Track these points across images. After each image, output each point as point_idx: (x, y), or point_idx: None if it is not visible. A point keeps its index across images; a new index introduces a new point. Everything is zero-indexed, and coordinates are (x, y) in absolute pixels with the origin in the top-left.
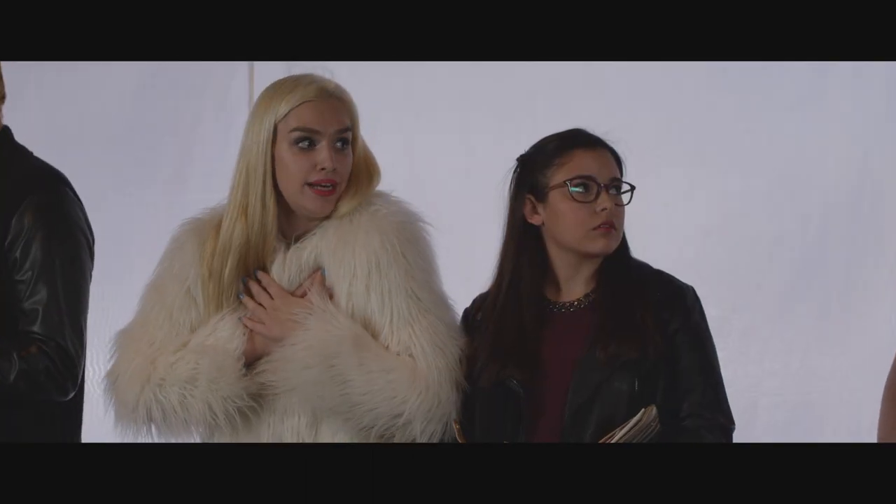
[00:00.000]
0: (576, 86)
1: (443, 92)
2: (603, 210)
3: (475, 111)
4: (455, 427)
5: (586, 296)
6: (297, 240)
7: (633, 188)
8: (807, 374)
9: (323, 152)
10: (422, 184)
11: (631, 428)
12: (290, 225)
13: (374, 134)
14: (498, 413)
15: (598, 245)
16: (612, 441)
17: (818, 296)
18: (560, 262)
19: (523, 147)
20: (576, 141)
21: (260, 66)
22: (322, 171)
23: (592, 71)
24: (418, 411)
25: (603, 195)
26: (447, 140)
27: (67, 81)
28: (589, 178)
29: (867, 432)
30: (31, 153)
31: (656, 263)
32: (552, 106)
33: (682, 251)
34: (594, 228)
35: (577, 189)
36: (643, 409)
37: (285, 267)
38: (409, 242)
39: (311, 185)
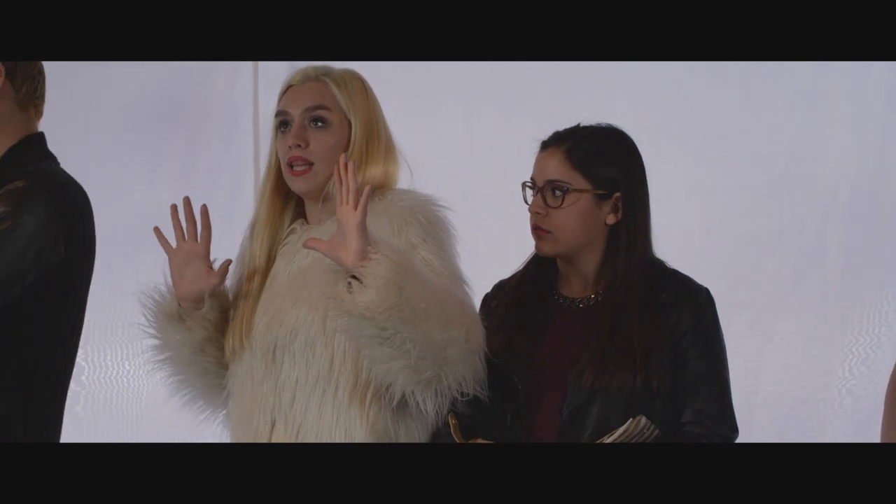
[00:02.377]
0: (576, 86)
1: (445, 92)
2: (536, 213)
3: (477, 111)
4: (451, 422)
5: (594, 295)
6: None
7: (567, 189)
8: (806, 371)
9: (292, 131)
10: (423, 183)
11: (618, 437)
12: (318, 211)
13: None
14: (498, 404)
15: (538, 248)
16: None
17: (817, 294)
18: (558, 259)
19: (523, 147)
20: (539, 146)
21: (264, 65)
22: (289, 150)
23: (592, 71)
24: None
25: (536, 198)
26: (448, 140)
27: (73, 81)
28: (531, 181)
29: (866, 431)
30: (58, 163)
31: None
32: (552, 106)
33: (683, 248)
34: (533, 232)
35: (527, 192)
36: (630, 420)
37: (298, 246)
38: (417, 223)
39: (289, 166)
